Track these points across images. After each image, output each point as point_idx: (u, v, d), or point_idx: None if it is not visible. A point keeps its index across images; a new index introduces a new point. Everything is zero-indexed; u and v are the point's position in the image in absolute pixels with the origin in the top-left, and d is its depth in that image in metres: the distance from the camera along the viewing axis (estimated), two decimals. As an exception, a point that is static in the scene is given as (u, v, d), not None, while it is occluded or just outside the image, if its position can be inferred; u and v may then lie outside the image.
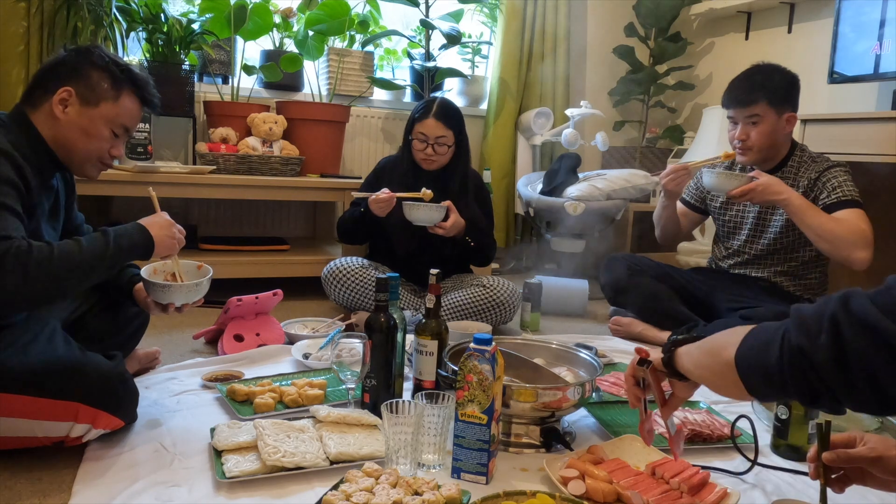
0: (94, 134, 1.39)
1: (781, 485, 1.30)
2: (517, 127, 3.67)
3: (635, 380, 1.18)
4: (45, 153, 1.37)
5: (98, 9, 2.61)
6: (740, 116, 2.13)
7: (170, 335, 2.15)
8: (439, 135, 2.28)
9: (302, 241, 3.27)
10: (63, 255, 1.21)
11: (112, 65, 1.40)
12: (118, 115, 1.41)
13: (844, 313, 0.72)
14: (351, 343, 1.46)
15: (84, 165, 1.42)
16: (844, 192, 2.06)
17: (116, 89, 1.40)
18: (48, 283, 1.20)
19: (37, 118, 1.37)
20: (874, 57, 2.63)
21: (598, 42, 3.97)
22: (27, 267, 1.15)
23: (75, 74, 1.37)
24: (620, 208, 3.22)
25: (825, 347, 0.72)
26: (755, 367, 0.83)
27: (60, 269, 1.20)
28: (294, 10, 3.19)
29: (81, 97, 1.37)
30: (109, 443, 1.31)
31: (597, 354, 1.77)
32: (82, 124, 1.37)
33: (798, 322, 0.77)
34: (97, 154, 1.42)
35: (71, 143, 1.38)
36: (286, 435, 1.30)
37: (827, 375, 0.73)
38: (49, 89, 1.36)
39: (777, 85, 2.09)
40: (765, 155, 2.16)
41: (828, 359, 0.72)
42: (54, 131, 1.37)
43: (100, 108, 1.38)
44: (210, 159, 2.72)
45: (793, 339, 0.76)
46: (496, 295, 2.32)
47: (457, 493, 1.13)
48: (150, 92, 1.46)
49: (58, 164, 1.40)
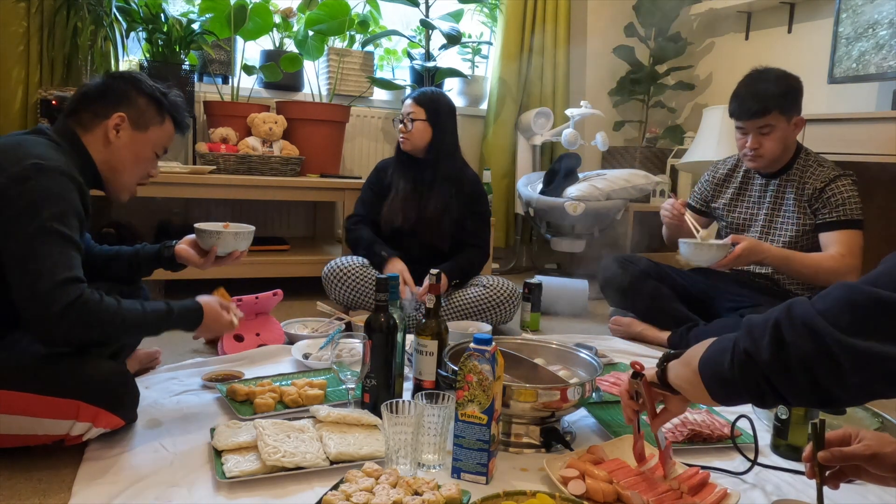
0: (142, 157, 1.47)
1: (781, 485, 1.30)
2: (517, 127, 3.67)
3: (630, 394, 1.19)
4: (93, 175, 1.42)
5: (98, 9, 2.61)
6: (752, 127, 2.11)
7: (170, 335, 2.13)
8: (409, 111, 2.37)
9: (302, 241, 3.27)
10: (129, 314, 1.27)
11: (157, 91, 1.48)
12: (161, 138, 1.50)
13: (787, 318, 0.78)
14: (351, 343, 1.46)
15: (126, 188, 1.49)
16: (846, 210, 2.07)
17: (161, 115, 1.49)
18: (101, 335, 1.25)
19: (88, 141, 1.41)
20: (874, 57, 2.63)
21: (598, 42, 3.97)
22: (91, 317, 1.20)
23: (125, 101, 1.43)
24: (620, 208, 3.22)
25: (767, 348, 0.78)
26: (714, 375, 0.90)
27: (120, 326, 1.26)
28: (294, 10, 3.18)
29: (133, 122, 1.44)
30: (109, 443, 1.31)
31: (597, 354, 1.77)
32: (134, 148, 1.45)
33: (747, 329, 0.83)
34: (141, 175, 1.50)
35: (121, 166, 1.44)
36: (286, 435, 1.30)
37: (771, 375, 0.79)
38: (99, 114, 1.41)
39: (785, 92, 2.08)
40: (775, 161, 2.16)
41: (770, 359, 0.78)
42: (106, 155, 1.42)
43: (149, 132, 1.47)
44: (210, 159, 2.72)
45: (741, 344, 0.83)
46: (496, 295, 2.32)
47: (457, 493, 1.13)
48: (184, 115, 1.56)
49: (99, 185, 1.46)
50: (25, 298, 1.17)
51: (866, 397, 0.76)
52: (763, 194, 2.26)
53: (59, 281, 1.17)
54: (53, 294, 1.16)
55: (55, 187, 1.23)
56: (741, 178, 2.33)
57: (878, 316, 0.70)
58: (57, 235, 1.20)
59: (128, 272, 1.65)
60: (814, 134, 2.65)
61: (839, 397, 0.75)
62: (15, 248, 1.18)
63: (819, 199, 2.12)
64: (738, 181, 2.33)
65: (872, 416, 1.59)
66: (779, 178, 2.21)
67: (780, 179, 2.21)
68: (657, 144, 3.91)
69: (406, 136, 2.38)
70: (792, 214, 2.18)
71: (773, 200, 2.23)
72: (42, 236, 1.19)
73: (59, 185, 1.24)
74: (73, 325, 1.18)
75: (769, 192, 2.24)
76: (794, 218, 2.17)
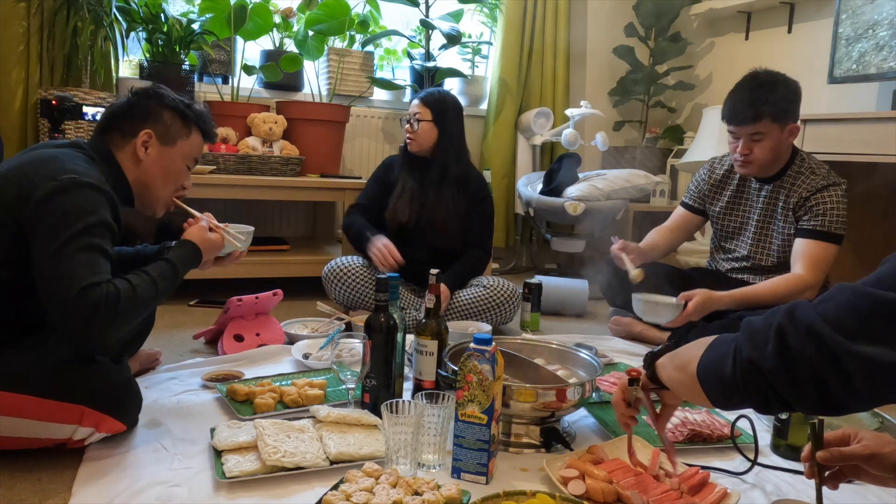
0: (173, 170, 1.49)
1: (781, 485, 1.30)
2: (517, 127, 3.67)
3: (626, 403, 1.18)
4: (125, 192, 1.44)
5: (98, 9, 2.61)
6: (743, 133, 2.06)
7: (170, 335, 2.15)
8: (415, 112, 2.37)
9: (302, 241, 3.27)
10: (144, 291, 1.27)
11: (181, 104, 1.50)
12: (190, 150, 1.52)
13: (790, 323, 0.76)
14: (351, 343, 1.46)
15: (160, 202, 1.51)
16: (825, 221, 2.04)
17: (187, 127, 1.50)
18: (132, 319, 1.26)
19: (121, 159, 1.43)
20: (874, 57, 2.63)
21: (598, 42, 3.97)
22: (117, 309, 1.20)
23: (151, 117, 1.45)
24: (620, 208, 3.22)
25: (773, 356, 0.76)
26: (714, 381, 0.88)
27: (142, 304, 1.27)
28: (294, 10, 3.18)
29: (160, 138, 1.45)
30: (110, 443, 1.31)
31: (597, 354, 1.77)
32: (163, 163, 1.46)
33: (748, 335, 0.81)
34: (174, 189, 1.52)
35: (153, 182, 1.47)
36: (286, 435, 1.30)
37: (776, 382, 0.77)
38: (127, 132, 1.43)
39: (780, 99, 2.02)
40: (766, 167, 2.12)
41: (776, 367, 0.76)
42: (138, 172, 1.44)
43: (177, 146, 1.48)
44: (210, 159, 2.72)
45: (744, 351, 0.81)
46: (496, 295, 2.32)
47: (457, 493, 1.13)
48: (210, 125, 1.58)
49: (130, 202, 1.47)
50: (56, 312, 1.19)
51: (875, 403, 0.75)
52: (756, 200, 2.23)
53: (82, 288, 1.17)
54: (76, 303, 1.16)
55: (88, 201, 1.24)
56: (737, 182, 2.29)
57: (885, 319, 0.69)
58: (85, 245, 1.21)
59: None
60: (814, 134, 2.65)
61: (847, 404, 0.74)
62: (45, 258, 1.19)
63: (803, 207, 2.08)
64: (735, 185, 2.29)
65: (872, 416, 1.59)
66: (772, 183, 2.17)
67: (773, 185, 2.17)
68: (657, 144, 3.91)
69: (412, 137, 2.38)
70: (780, 223, 2.15)
71: (765, 207, 2.19)
72: (71, 246, 1.19)
73: (93, 200, 1.25)
74: (104, 327, 1.19)
75: (761, 198, 2.20)
76: (781, 226, 2.15)
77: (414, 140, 2.38)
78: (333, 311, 2.35)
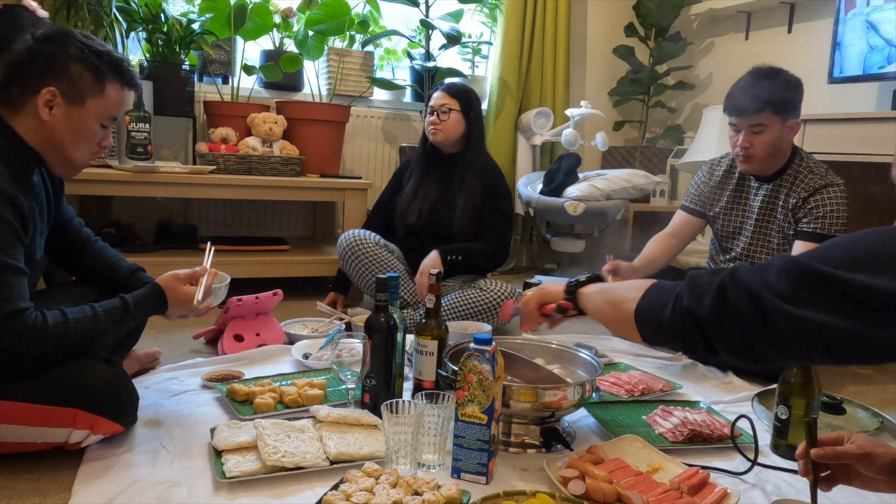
0: (83, 133, 1.31)
1: (781, 485, 1.30)
2: (517, 127, 3.67)
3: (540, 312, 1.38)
4: (26, 156, 1.28)
5: (98, 9, 2.61)
6: (743, 125, 2.05)
7: (170, 335, 2.15)
8: (443, 103, 2.35)
9: (302, 241, 3.27)
10: (79, 326, 1.22)
11: (91, 55, 1.29)
12: (105, 107, 1.32)
13: (731, 281, 0.86)
14: (351, 343, 1.46)
15: (73, 165, 1.34)
16: (824, 224, 2.03)
17: (100, 82, 1.30)
18: (59, 352, 1.21)
19: (18, 122, 1.26)
20: (874, 57, 2.63)
21: (598, 42, 3.97)
22: (40, 344, 1.16)
23: (55, 70, 1.26)
24: (620, 208, 3.22)
25: (710, 308, 0.86)
26: (651, 321, 0.99)
27: (74, 339, 1.22)
28: (294, 10, 3.18)
29: (66, 96, 1.27)
30: (109, 443, 1.31)
31: (597, 354, 1.77)
32: (71, 125, 1.28)
33: (691, 286, 0.91)
34: (90, 151, 1.35)
35: (61, 145, 1.29)
36: (286, 435, 1.30)
37: (709, 330, 0.87)
38: (28, 88, 1.25)
39: (782, 91, 2.02)
40: (767, 164, 2.11)
41: (711, 316, 0.86)
42: (41, 134, 1.27)
43: (87, 105, 1.29)
44: (210, 159, 2.72)
45: (684, 300, 0.91)
46: (492, 298, 2.30)
47: (457, 493, 1.13)
48: (130, 73, 1.36)
49: (39, 162, 1.32)
50: None
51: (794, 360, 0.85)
52: (755, 199, 2.21)
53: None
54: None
55: None
56: (737, 182, 2.27)
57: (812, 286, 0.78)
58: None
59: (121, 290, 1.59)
60: (814, 134, 2.65)
61: (768, 356, 0.83)
62: None
63: (802, 208, 2.07)
64: (734, 184, 2.27)
65: (872, 416, 1.58)
66: (772, 182, 2.16)
67: (772, 185, 2.15)
68: (657, 144, 3.91)
69: (439, 128, 2.35)
70: (779, 222, 2.14)
71: (764, 206, 2.18)
72: None
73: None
74: (24, 357, 1.15)
75: (760, 198, 2.19)
76: (780, 225, 2.14)
77: (441, 131, 2.36)
78: (333, 311, 2.35)
